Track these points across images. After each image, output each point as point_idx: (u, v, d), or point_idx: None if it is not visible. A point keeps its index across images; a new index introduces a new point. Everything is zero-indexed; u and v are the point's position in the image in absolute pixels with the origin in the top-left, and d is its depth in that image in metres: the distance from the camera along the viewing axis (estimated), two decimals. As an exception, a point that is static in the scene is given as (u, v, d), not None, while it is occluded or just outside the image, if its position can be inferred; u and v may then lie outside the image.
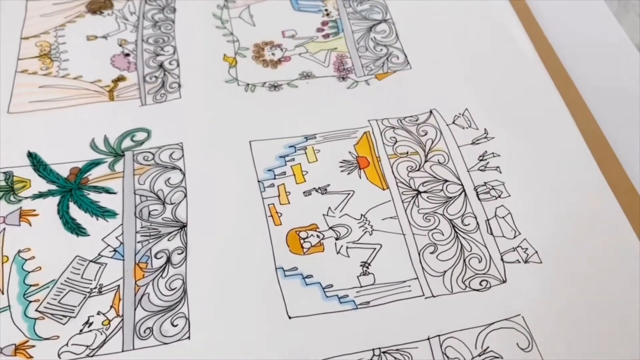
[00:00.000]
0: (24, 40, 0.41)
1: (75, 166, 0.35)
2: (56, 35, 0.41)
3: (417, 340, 0.29)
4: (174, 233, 0.32)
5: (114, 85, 0.39)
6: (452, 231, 0.32)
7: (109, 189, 0.34)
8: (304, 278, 0.31)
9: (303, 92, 0.38)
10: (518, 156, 0.35)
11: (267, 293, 0.30)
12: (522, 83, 0.39)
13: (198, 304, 0.30)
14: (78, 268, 0.31)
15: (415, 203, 0.33)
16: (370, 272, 0.31)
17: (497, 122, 0.37)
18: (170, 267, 0.31)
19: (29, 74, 0.39)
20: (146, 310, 0.30)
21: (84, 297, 0.30)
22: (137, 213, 0.33)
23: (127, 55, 0.40)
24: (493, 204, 0.33)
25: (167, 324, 0.29)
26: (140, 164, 0.35)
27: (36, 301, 0.30)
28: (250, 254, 0.31)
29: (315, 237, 0.32)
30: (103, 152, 0.35)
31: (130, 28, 0.42)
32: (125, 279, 0.31)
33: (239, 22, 0.43)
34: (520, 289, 0.30)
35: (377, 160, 0.35)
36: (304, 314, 0.30)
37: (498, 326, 0.29)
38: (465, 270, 0.31)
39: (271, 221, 0.33)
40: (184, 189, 0.34)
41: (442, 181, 0.34)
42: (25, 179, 0.34)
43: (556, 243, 0.32)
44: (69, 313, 0.29)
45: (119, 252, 0.31)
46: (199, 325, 0.29)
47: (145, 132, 0.36)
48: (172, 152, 0.35)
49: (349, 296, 0.30)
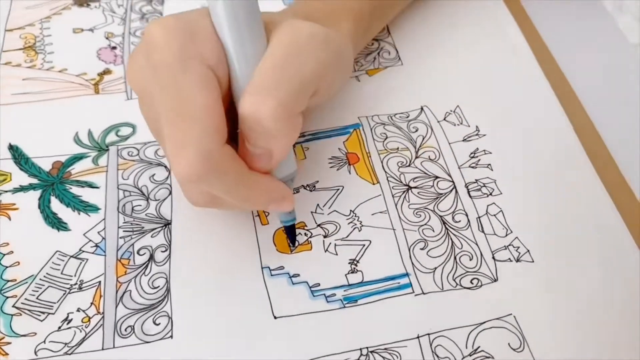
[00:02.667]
0: (8, 32, 0.40)
1: (57, 160, 0.34)
2: (41, 28, 0.40)
3: (407, 339, 0.28)
4: (158, 230, 0.31)
5: (99, 78, 0.38)
6: (442, 228, 0.32)
7: (91, 184, 0.33)
8: (291, 277, 0.30)
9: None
10: (510, 154, 0.35)
11: (253, 293, 0.29)
12: (514, 80, 0.38)
13: (181, 303, 0.29)
14: (58, 263, 0.30)
15: (405, 198, 0.33)
16: (358, 270, 0.30)
17: (489, 120, 0.36)
18: (154, 265, 0.30)
19: (12, 66, 0.38)
20: (128, 308, 0.29)
21: (63, 293, 0.29)
22: (120, 208, 0.32)
23: (113, 48, 0.40)
24: (484, 201, 0.33)
25: (149, 323, 0.28)
26: (124, 159, 0.34)
27: (13, 297, 0.29)
28: (236, 253, 0.31)
29: (303, 236, 0.31)
30: (87, 146, 0.35)
31: (118, 21, 0.41)
32: (106, 275, 0.30)
33: (228, 16, 0.42)
34: (511, 288, 0.30)
35: (367, 155, 0.34)
36: (290, 313, 0.29)
37: (489, 325, 0.29)
38: (456, 268, 0.30)
39: (258, 220, 0.32)
40: (169, 186, 0.33)
41: (433, 177, 0.34)
42: (5, 172, 0.33)
43: (548, 242, 0.31)
44: (47, 309, 0.29)
45: (100, 248, 0.31)
46: (182, 325, 0.28)
47: (131, 127, 0.35)
48: (158, 149, 0.35)
49: (336, 295, 0.29)
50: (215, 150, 0.23)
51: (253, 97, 0.24)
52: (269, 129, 0.24)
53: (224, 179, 0.24)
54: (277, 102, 0.24)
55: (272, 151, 0.25)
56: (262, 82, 0.24)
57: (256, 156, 0.25)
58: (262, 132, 0.24)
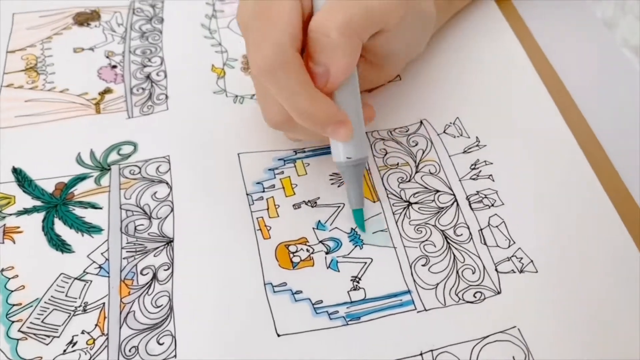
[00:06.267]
0: (9, 53, 0.40)
1: (60, 181, 0.34)
2: (42, 48, 0.41)
3: (410, 356, 0.28)
4: (161, 248, 0.32)
5: (100, 98, 0.38)
6: (444, 242, 0.32)
7: (94, 204, 0.33)
8: (293, 294, 0.30)
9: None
10: (511, 164, 0.35)
11: (256, 310, 0.29)
12: (513, 90, 0.38)
13: (185, 321, 0.29)
14: (62, 286, 0.30)
15: (406, 214, 0.33)
16: (360, 287, 0.30)
17: (489, 130, 0.36)
18: (157, 284, 0.30)
19: (14, 88, 0.39)
20: (132, 328, 0.29)
21: (68, 316, 0.29)
22: (122, 228, 0.32)
23: (114, 67, 0.40)
24: (486, 212, 0.33)
25: (152, 343, 0.29)
26: (126, 177, 0.34)
27: (19, 321, 0.29)
28: (239, 269, 0.31)
29: (305, 251, 0.31)
30: (89, 166, 0.35)
31: (118, 39, 0.42)
32: (110, 297, 0.30)
33: (227, 33, 0.42)
34: (515, 300, 0.30)
35: (367, 172, 0.34)
36: (294, 331, 0.29)
37: (493, 339, 0.28)
38: (458, 282, 0.30)
39: (260, 235, 0.32)
40: (170, 203, 0.33)
41: (434, 191, 0.34)
42: (9, 195, 0.33)
43: (552, 252, 0.31)
44: (52, 333, 0.29)
45: (104, 269, 0.31)
46: (186, 344, 0.28)
47: (132, 146, 0.36)
48: (159, 165, 0.35)
49: (339, 312, 0.29)
50: (289, 48, 0.27)
51: (324, 13, 0.28)
52: (333, 41, 0.28)
53: (291, 78, 0.27)
54: (344, 18, 0.28)
55: (329, 70, 0.28)
56: (333, 3, 0.28)
57: (316, 74, 0.29)
58: (326, 45, 0.28)
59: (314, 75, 0.28)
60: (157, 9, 0.44)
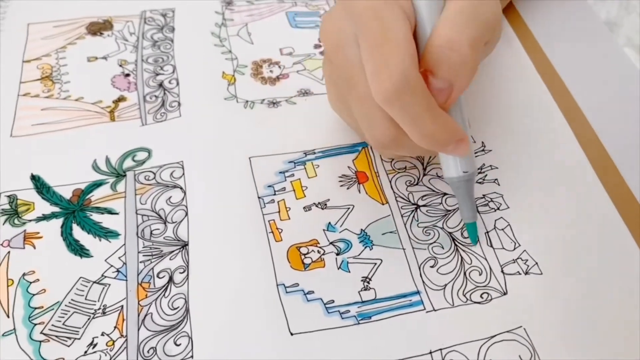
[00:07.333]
0: (25, 63, 0.42)
1: (77, 187, 0.35)
2: (57, 57, 0.42)
3: (419, 355, 0.29)
4: (176, 252, 0.32)
5: (114, 105, 0.39)
6: (452, 244, 0.33)
7: (111, 210, 0.34)
8: (305, 294, 0.31)
9: (301, 109, 0.39)
10: (516, 168, 0.35)
11: (269, 310, 0.30)
12: (518, 94, 0.39)
13: (200, 322, 0.30)
14: (82, 289, 0.31)
15: (414, 217, 0.34)
16: (371, 287, 0.31)
17: (494, 135, 0.37)
18: (173, 287, 0.31)
19: (31, 97, 0.40)
20: (149, 330, 0.30)
21: (88, 319, 0.30)
22: (139, 233, 0.33)
23: (127, 75, 0.41)
24: (492, 216, 0.34)
25: (170, 344, 0.29)
26: (141, 183, 0.35)
27: (41, 324, 0.30)
28: (252, 270, 0.32)
29: (316, 253, 0.32)
30: (105, 172, 0.36)
31: (130, 48, 0.43)
32: (128, 299, 0.31)
33: (237, 40, 0.43)
34: (521, 301, 0.30)
35: (376, 175, 0.35)
36: (306, 330, 0.30)
37: (500, 338, 0.29)
38: (466, 283, 0.31)
39: (272, 237, 0.33)
40: (184, 207, 0.34)
41: (441, 194, 0.34)
42: (29, 201, 0.34)
43: (556, 254, 0.32)
44: (73, 335, 0.30)
45: (122, 273, 0.32)
46: (202, 344, 0.29)
47: (146, 152, 0.37)
48: (173, 171, 0.36)
49: (350, 311, 0.30)
50: (413, 72, 0.26)
51: (450, 28, 0.27)
52: (463, 56, 0.27)
53: (416, 102, 0.26)
54: (474, 34, 0.27)
55: (453, 85, 0.27)
56: (456, 18, 0.27)
57: (437, 90, 0.27)
58: (455, 61, 0.27)
59: (436, 92, 0.27)
60: (168, 18, 0.45)
